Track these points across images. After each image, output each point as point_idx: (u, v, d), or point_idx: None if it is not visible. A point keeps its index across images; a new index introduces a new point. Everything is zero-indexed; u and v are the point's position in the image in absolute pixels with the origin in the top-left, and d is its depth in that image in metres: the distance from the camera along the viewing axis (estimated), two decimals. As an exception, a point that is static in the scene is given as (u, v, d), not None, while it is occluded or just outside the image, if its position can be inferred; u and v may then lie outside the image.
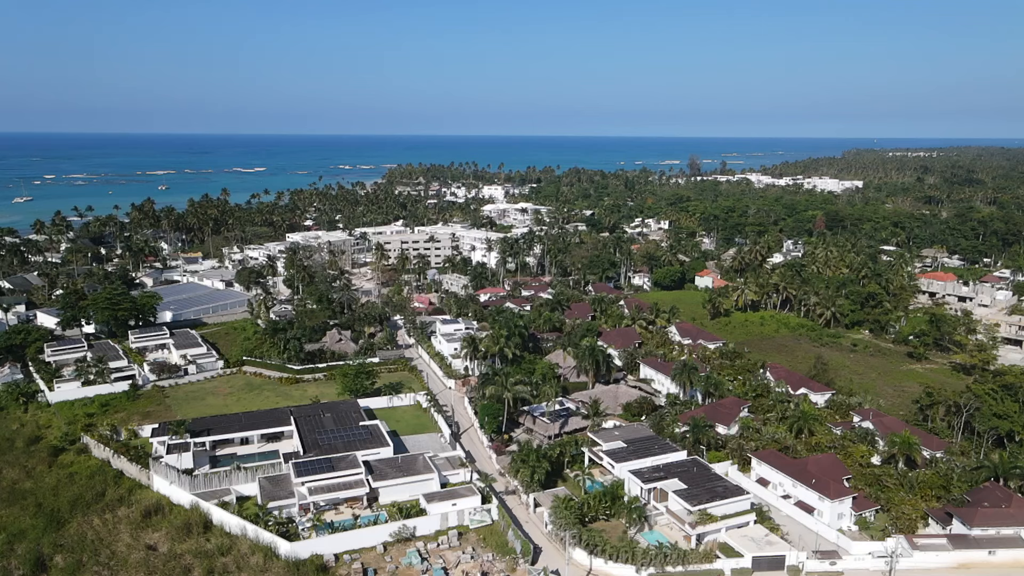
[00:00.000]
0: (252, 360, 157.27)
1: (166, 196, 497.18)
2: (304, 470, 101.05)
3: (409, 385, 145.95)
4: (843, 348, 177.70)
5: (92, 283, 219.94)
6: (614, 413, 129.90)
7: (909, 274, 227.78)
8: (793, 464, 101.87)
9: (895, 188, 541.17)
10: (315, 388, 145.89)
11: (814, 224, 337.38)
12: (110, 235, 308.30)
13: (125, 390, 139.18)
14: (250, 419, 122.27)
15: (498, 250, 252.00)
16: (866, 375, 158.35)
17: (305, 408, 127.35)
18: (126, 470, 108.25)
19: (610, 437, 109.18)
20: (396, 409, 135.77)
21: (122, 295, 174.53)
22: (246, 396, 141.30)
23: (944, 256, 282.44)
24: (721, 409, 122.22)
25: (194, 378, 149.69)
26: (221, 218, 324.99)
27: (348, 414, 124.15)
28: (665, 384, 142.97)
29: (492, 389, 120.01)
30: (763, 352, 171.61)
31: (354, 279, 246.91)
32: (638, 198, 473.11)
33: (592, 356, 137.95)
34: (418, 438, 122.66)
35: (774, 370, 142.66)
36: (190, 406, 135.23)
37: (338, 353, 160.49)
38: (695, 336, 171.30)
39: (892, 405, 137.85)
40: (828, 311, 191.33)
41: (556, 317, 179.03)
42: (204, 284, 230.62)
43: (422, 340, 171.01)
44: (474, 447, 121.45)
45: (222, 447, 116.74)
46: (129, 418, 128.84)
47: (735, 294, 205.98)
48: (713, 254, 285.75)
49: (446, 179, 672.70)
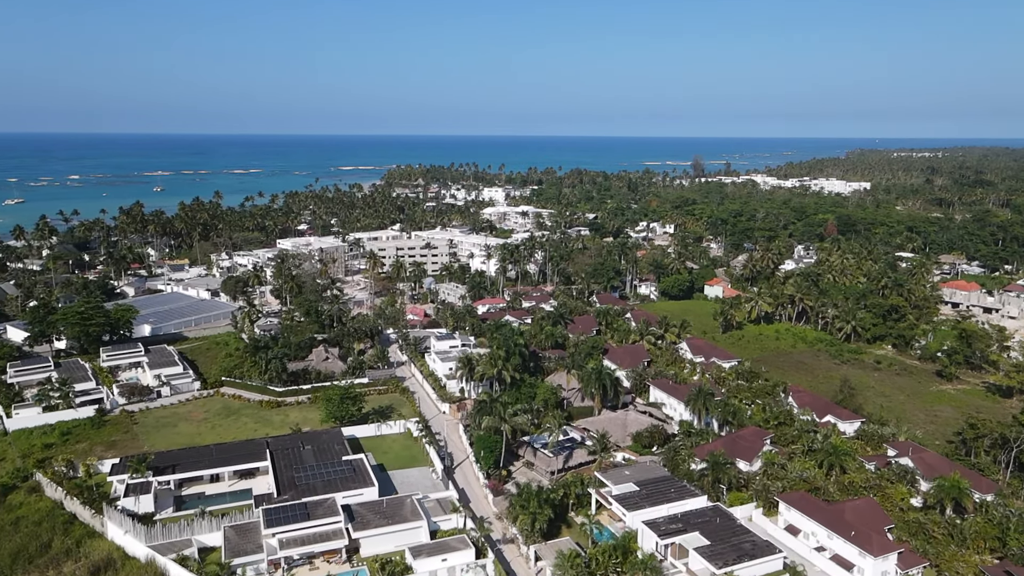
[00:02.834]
0: (231, 381, 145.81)
1: (161, 198, 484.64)
2: (276, 518, 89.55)
3: (399, 410, 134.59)
4: (866, 366, 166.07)
5: (69, 293, 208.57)
6: (623, 444, 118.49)
7: (932, 284, 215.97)
8: (827, 511, 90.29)
9: (904, 190, 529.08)
10: (298, 413, 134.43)
11: (825, 229, 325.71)
12: (96, 240, 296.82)
13: (90, 416, 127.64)
14: (222, 453, 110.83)
15: (498, 257, 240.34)
16: (893, 397, 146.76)
17: (283, 439, 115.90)
18: (79, 514, 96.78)
19: (620, 478, 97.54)
20: (385, 438, 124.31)
21: (95, 308, 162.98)
22: (222, 423, 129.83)
23: (963, 263, 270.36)
24: (741, 442, 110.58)
25: (168, 401, 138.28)
26: (211, 222, 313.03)
27: (330, 446, 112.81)
28: (678, 409, 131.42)
29: (489, 420, 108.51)
30: (780, 370, 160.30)
31: (346, 288, 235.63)
32: (642, 200, 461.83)
33: (599, 380, 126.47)
34: (407, 473, 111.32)
35: (797, 395, 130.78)
36: (159, 434, 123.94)
37: (324, 373, 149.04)
38: (708, 353, 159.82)
39: (927, 434, 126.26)
40: (848, 325, 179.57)
41: (559, 332, 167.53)
42: (188, 294, 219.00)
43: (415, 357, 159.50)
44: (469, 484, 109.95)
45: (189, 485, 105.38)
46: (91, 449, 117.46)
47: (748, 305, 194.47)
48: (722, 260, 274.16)
49: (446, 180, 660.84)
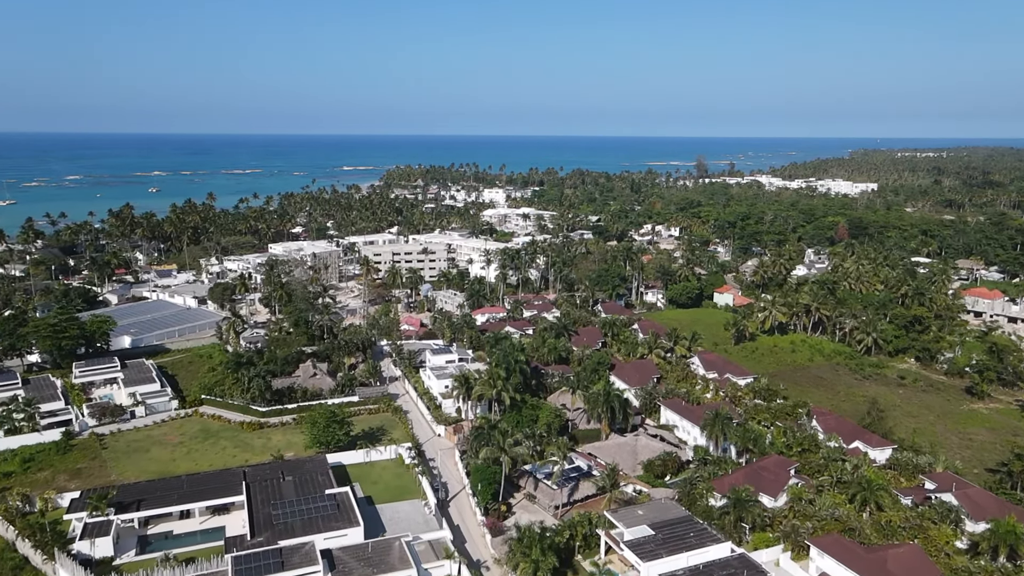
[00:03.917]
0: (211, 399, 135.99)
1: (156, 199, 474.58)
2: (247, 567, 79.65)
3: (391, 432, 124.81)
4: (889, 381, 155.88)
5: (48, 301, 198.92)
6: (632, 474, 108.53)
7: (954, 291, 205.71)
8: (867, 559, 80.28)
9: (913, 191, 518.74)
10: (281, 436, 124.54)
11: (836, 232, 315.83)
12: (83, 244, 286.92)
13: (56, 440, 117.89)
14: (194, 485, 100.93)
15: (498, 263, 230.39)
16: (922, 418, 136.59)
17: (262, 469, 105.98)
18: (31, 559, 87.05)
19: (633, 519, 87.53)
20: (374, 466, 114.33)
21: (69, 320, 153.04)
22: (198, 447, 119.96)
23: (981, 268, 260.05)
24: (765, 474, 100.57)
25: (142, 422, 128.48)
26: (202, 226, 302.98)
27: (313, 477, 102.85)
28: (691, 433, 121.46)
29: (487, 452, 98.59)
30: (798, 386, 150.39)
31: (340, 295, 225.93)
32: (645, 202, 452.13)
33: (607, 403, 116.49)
34: (397, 507, 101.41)
35: (822, 418, 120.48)
36: (129, 460, 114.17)
37: (312, 391, 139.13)
38: (721, 369, 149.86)
39: (963, 461, 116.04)
40: (869, 337, 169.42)
41: (562, 345, 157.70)
42: (174, 302, 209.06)
43: (409, 373, 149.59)
44: (464, 520, 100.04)
45: (156, 522, 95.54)
46: (53, 479, 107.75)
47: (762, 315, 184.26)
48: (730, 266, 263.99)
49: (445, 181, 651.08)
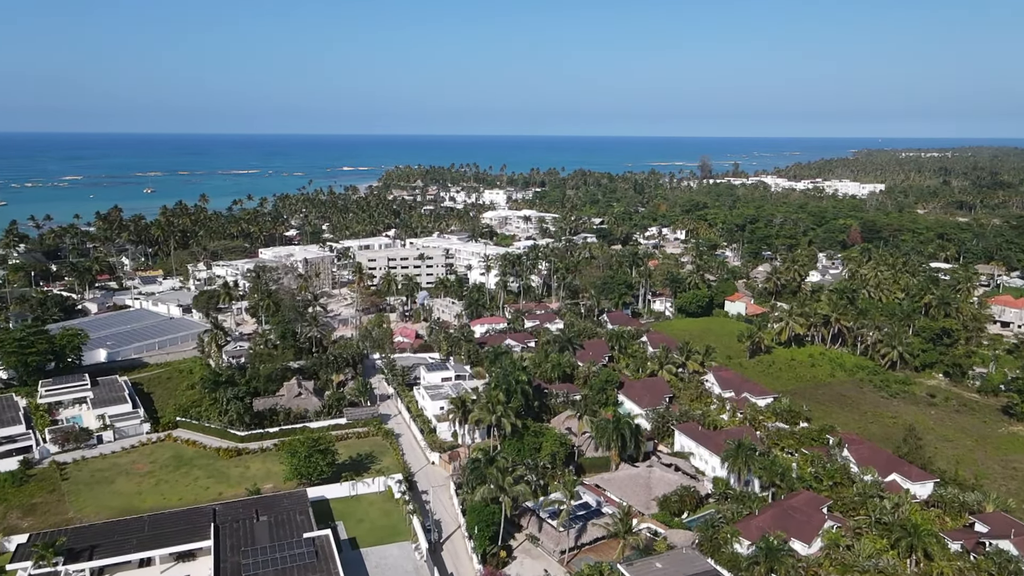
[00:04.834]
0: (186, 422, 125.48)
1: (150, 200, 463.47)
2: (206, 634, 69.21)
3: (381, 459, 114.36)
4: (918, 400, 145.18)
5: (23, 311, 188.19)
6: (647, 512, 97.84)
7: (980, 300, 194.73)
8: (921, 625, 69.68)
9: (922, 192, 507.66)
10: (260, 464, 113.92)
11: (848, 236, 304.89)
12: (67, 248, 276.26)
13: (13, 470, 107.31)
14: (156, 527, 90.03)
15: (498, 269, 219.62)
16: (959, 442, 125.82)
17: (234, 507, 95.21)
18: (-35, 617, 76.72)
19: (650, 574, 76.81)
20: (361, 500, 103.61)
21: (37, 333, 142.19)
22: (168, 477, 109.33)
23: (1003, 274, 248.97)
24: (796, 515, 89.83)
25: (110, 448, 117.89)
26: (191, 229, 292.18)
27: (291, 518, 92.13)
28: (709, 462, 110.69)
29: (485, 491, 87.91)
30: (821, 405, 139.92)
31: (332, 303, 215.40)
32: (649, 203, 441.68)
33: (617, 431, 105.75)
34: (385, 552, 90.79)
35: (854, 447, 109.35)
36: (91, 493, 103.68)
37: (296, 412, 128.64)
38: (738, 387, 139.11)
39: (1010, 494, 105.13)
40: (894, 350, 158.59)
41: (566, 360, 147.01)
42: (157, 311, 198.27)
43: (402, 391, 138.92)
44: (460, 567, 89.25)
45: (112, 571, 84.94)
46: (5, 516, 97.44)
47: (778, 326, 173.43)
48: (741, 272, 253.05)
49: (445, 182, 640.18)
